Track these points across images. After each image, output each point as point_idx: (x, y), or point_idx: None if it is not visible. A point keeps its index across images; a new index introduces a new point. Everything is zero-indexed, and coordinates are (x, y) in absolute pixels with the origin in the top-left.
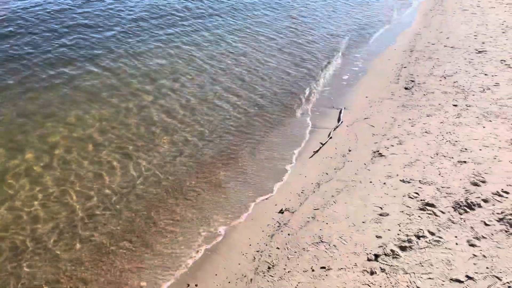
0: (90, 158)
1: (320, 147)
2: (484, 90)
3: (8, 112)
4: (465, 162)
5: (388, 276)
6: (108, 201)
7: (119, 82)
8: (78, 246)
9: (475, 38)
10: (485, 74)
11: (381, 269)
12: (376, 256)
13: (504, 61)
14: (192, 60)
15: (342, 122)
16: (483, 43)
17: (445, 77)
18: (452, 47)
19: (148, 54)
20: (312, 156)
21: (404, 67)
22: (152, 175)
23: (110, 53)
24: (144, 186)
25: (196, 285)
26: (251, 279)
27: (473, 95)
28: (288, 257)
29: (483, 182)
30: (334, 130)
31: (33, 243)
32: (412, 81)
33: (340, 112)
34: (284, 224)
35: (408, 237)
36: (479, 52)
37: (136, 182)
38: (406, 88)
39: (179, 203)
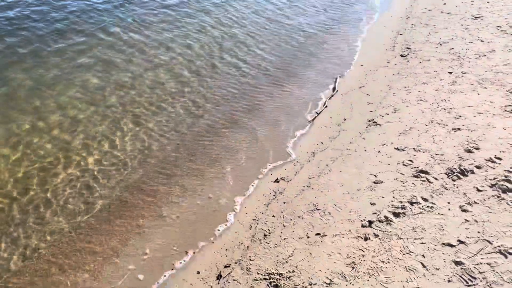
0: (107, 122)
1: (315, 116)
2: (479, 56)
3: (23, 79)
4: (459, 129)
5: (382, 241)
6: (122, 162)
7: (130, 48)
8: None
9: (472, 4)
10: (481, 41)
11: (375, 235)
12: (370, 222)
13: (500, 27)
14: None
15: (337, 91)
16: (480, 8)
17: (441, 44)
18: (448, 13)
19: (158, 23)
20: (307, 125)
21: (400, 34)
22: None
23: (119, 21)
24: (148, 153)
25: (194, 253)
26: (247, 247)
27: (469, 62)
28: (283, 225)
29: (477, 148)
30: (329, 99)
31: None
32: (408, 48)
33: (335, 81)
34: (279, 193)
35: (402, 204)
36: (476, 18)
37: (145, 149)
38: (402, 56)
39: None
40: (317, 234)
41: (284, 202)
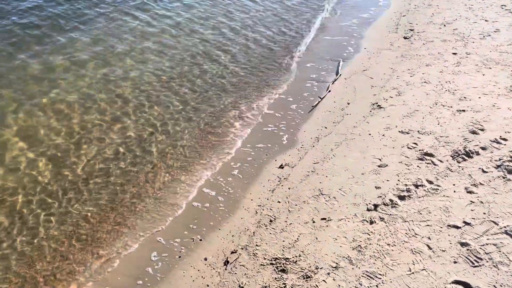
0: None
1: (319, 101)
2: (484, 36)
3: (39, 62)
4: (464, 110)
5: (387, 224)
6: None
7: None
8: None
9: None
10: (485, 20)
11: (380, 218)
12: (376, 206)
13: (505, 6)
14: None
15: (340, 75)
16: None
17: (445, 25)
18: None
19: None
20: (311, 110)
21: (403, 16)
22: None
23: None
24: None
25: (200, 240)
26: (253, 232)
27: (473, 42)
28: (289, 210)
29: (482, 130)
30: (332, 83)
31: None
32: (411, 30)
33: (338, 65)
34: (284, 178)
35: (407, 187)
36: None
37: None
38: (405, 38)
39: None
40: (322, 219)
41: (289, 188)
